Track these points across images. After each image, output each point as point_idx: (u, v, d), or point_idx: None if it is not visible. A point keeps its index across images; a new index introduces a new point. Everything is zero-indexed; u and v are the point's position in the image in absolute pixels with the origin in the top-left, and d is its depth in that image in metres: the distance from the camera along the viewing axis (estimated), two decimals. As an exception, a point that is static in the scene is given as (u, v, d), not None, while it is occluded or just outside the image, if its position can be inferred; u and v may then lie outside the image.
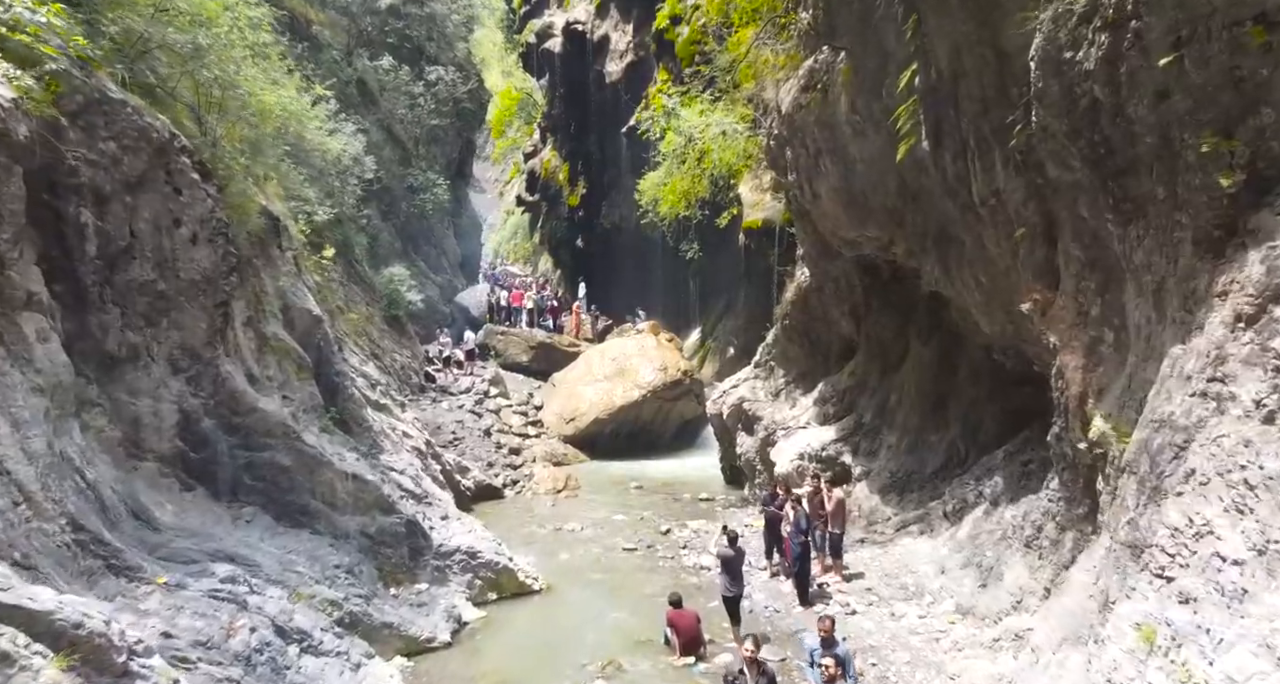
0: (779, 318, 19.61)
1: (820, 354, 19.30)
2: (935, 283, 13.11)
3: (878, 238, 14.56)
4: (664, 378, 25.44)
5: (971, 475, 13.06)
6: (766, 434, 18.96)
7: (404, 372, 24.87)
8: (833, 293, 18.18)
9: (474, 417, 24.80)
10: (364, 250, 26.11)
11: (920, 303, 16.27)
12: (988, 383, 14.20)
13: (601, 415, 25.19)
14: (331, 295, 19.38)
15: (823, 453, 16.81)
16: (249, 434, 10.47)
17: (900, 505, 14.85)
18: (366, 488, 11.64)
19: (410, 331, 26.60)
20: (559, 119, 46.25)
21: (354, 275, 24.54)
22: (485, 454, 22.67)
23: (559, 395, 26.89)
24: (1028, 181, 9.23)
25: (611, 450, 25.35)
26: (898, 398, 16.35)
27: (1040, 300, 9.53)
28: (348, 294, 23.45)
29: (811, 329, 19.17)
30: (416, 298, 25.85)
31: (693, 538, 16.12)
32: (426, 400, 24.84)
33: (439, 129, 33.36)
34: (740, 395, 20.08)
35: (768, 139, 16.11)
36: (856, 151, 13.54)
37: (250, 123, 12.42)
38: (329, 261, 18.73)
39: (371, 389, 17.15)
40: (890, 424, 16.31)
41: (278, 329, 12.06)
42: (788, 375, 19.80)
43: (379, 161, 28.91)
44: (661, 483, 21.54)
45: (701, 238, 29.77)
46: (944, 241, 12.24)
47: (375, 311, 24.82)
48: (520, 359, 30.61)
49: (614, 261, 41.00)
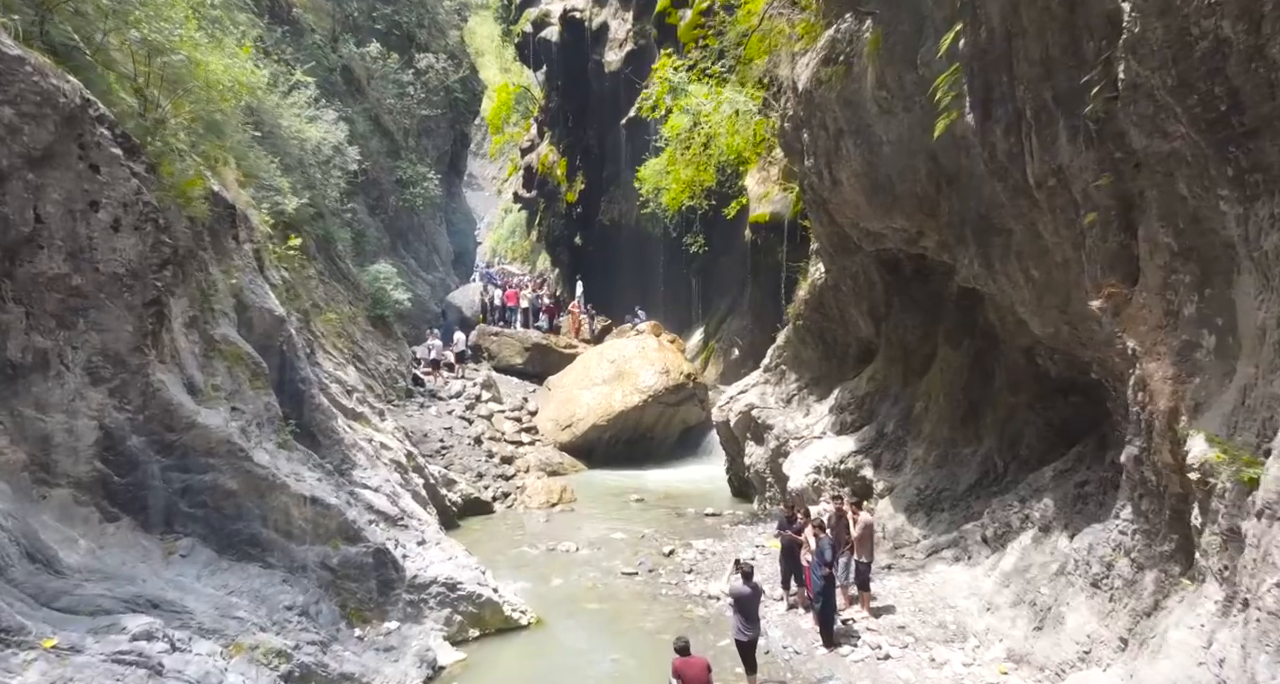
0: (791, 318, 18.16)
1: (836, 357, 17.85)
2: (972, 279, 11.64)
3: (905, 229, 13.09)
4: (666, 381, 23.99)
5: (1015, 496, 11.59)
6: (778, 444, 17.50)
7: (389, 376, 23.40)
8: (850, 291, 16.72)
9: (464, 423, 23.34)
10: (348, 246, 24.64)
11: (949, 302, 14.82)
12: (1028, 391, 12.73)
13: (599, 421, 23.74)
14: (306, 293, 17.92)
15: (841, 466, 15.35)
16: (187, 453, 9.00)
17: (929, 526, 13.38)
18: (328, 513, 10.16)
19: (397, 333, 25.13)
20: (556, 112, 44.81)
21: (336, 272, 23.08)
22: (475, 464, 21.20)
23: (554, 400, 25.43)
24: (1102, 156, 7.77)
25: (610, 458, 23.92)
26: (924, 406, 14.89)
27: (1114, 297, 8.06)
28: (329, 292, 22.00)
29: (827, 330, 17.72)
30: (403, 297, 24.39)
31: (699, 560, 14.65)
32: (413, 406, 23.38)
33: (430, 120, 31.92)
34: (749, 402, 18.62)
35: (781, 121, 14.65)
36: (883, 131, 12.07)
37: (198, 96, 10.95)
38: (296, 254, 17.24)
39: (347, 396, 15.69)
40: (916, 435, 14.85)
41: (229, 331, 10.59)
42: (800, 380, 18.34)
43: (365, 153, 27.48)
44: (663, 495, 20.08)
45: (706, 232, 28.28)
46: (986, 231, 10.78)
47: (359, 311, 23.36)
48: (514, 361, 29.15)
49: (613, 259, 39.57)
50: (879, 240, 14.34)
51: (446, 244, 37.21)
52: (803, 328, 17.91)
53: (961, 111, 9.80)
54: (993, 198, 10.33)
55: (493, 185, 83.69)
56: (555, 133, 46.17)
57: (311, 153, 21.40)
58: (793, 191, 19.56)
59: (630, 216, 38.96)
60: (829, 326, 17.60)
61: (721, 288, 34.11)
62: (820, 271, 17.28)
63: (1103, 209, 7.99)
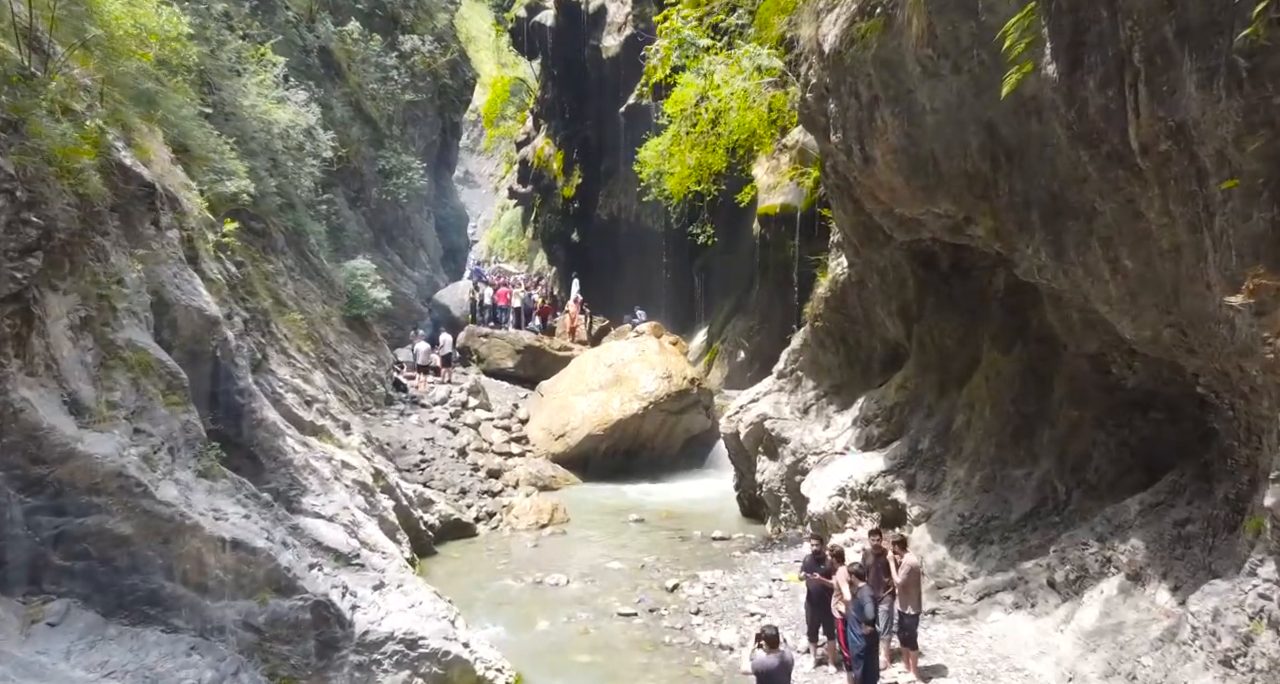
0: (810, 318, 16.24)
1: (859, 363, 15.93)
2: (1035, 273, 9.72)
3: (949, 215, 11.16)
4: (668, 387, 22.07)
5: (1089, 531, 9.67)
6: (795, 460, 15.59)
7: (367, 381, 21.50)
8: (877, 288, 14.81)
9: (448, 433, 21.42)
10: (322, 239, 22.73)
11: (994, 300, 12.92)
12: (1096, 404, 10.82)
13: (596, 431, 21.82)
14: (266, 290, 16.01)
15: (869, 488, 13.44)
16: (62, 491, 7.10)
17: (977, 561, 11.46)
18: (255, 558, 8.25)
19: (377, 334, 23.23)
20: (553, 103, 42.91)
21: (309, 268, 21.17)
22: (458, 479, 19.29)
23: (547, 407, 23.51)
24: (1252, 105, 5.87)
25: (607, 471, 22.01)
26: (965, 419, 12.98)
27: (1261, 291, 6.16)
28: (300, 290, 20.09)
29: (849, 332, 15.80)
30: (383, 295, 22.48)
31: (707, 598, 12.73)
32: (393, 414, 21.47)
33: (416, 108, 30.05)
34: (761, 412, 16.70)
35: (803, 90, 12.72)
36: (927, 98, 10.15)
37: (106, 49, 9.04)
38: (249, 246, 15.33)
39: (306, 407, 13.78)
40: (956, 453, 12.94)
41: (138, 334, 8.67)
42: (819, 388, 16.42)
43: (345, 140, 25.59)
44: (665, 513, 18.16)
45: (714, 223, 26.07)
46: (1059, 214, 8.87)
47: (333, 311, 21.45)
48: (505, 365, 27.24)
49: (612, 256, 37.68)
50: (915, 229, 12.42)
51: (434, 240, 35.30)
52: (822, 330, 16.00)
53: (1037, 63, 7.91)
54: (1071, 171, 8.43)
55: (490, 183, 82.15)
56: (551, 125, 44.29)
57: (280, 137, 19.50)
58: (809, 178, 17.66)
59: (630, 211, 37.09)
60: (852, 328, 15.69)
61: (726, 286, 32.21)
62: (842, 267, 15.37)
63: (1247, 176, 6.09)
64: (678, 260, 33.82)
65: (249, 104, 17.82)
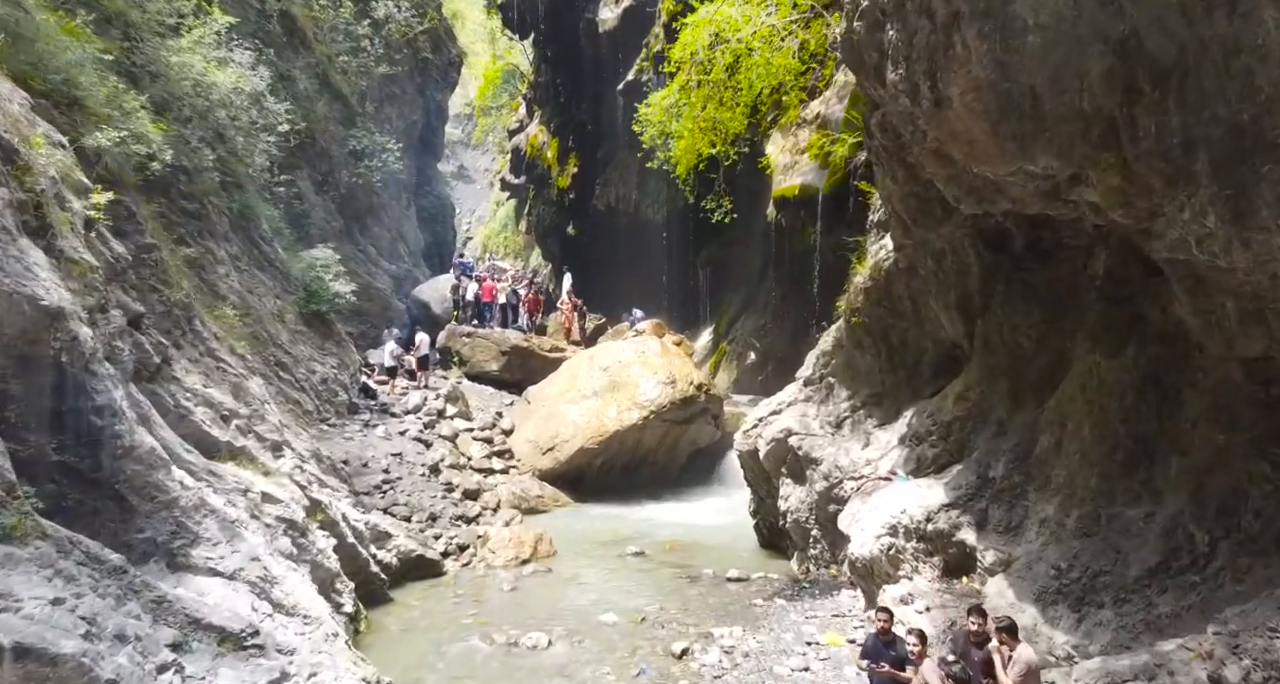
0: (845, 314, 13.49)
1: (905, 367, 13.17)
2: (1196, 245, 6.97)
3: (1048, 174, 8.39)
4: (672, 394, 19.33)
5: (1273, 606, 6.92)
6: (828, 485, 12.85)
7: (326, 387, 18.77)
8: (931, 275, 12.07)
9: (419, 447, 18.68)
10: (276, 224, 19.99)
11: (1092, 289, 10.17)
12: (1251, 426, 8.09)
13: (589, 444, 19.09)
14: (185, 279, 13.26)
15: (927, 526, 10.69)
16: None
17: (1083, 631, 8.70)
18: (53, 673, 5.48)
19: (340, 333, 20.47)
20: (546, 87, 40.22)
21: (258, 257, 18.43)
22: (428, 502, 16.54)
23: (534, 417, 20.77)
24: None
25: (602, 490, 19.33)
26: (1053, 440, 10.24)
27: None
28: (246, 282, 17.37)
29: (894, 330, 13.04)
30: (345, 289, 19.74)
31: (725, 669, 9.96)
32: (355, 425, 18.73)
33: (394, 84, 27.32)
34: (785, 426, 13.96)
35: (849, 17, 9.95)
36: (1030, 9, 7.40)
37: None
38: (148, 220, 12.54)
39: (221, 425, 11.03)
40: (1042, 484, 10.20)
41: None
42: (855, 397, 13.68)
43: (310, 117, 22.85)
44: (669, 545, 15.41)
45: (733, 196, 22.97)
46: (1247, 155, 6.13)
47: (288, 307, 18.71)
48: (489, 368, 24.49)
49: (609, 250, 34.97)
50: (990, 198, 9.65)
51: (416, 231, 32.54)
52: (860, 327, 13.24)
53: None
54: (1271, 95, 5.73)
55: (485, 177, 79.84)
56: (546, 111, 41.62)
57: (221, 105, 16.76)
58: (842, 146, 14.89)
59: (628, 200, 34.39)
60: (897, 325, 12.94)
61: (734, 280, 29.51)
62: (887, 251, 12.63)
63: None
64: (681, 253, 31.17)
65: (177, 61, 15.07)
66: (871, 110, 11.52)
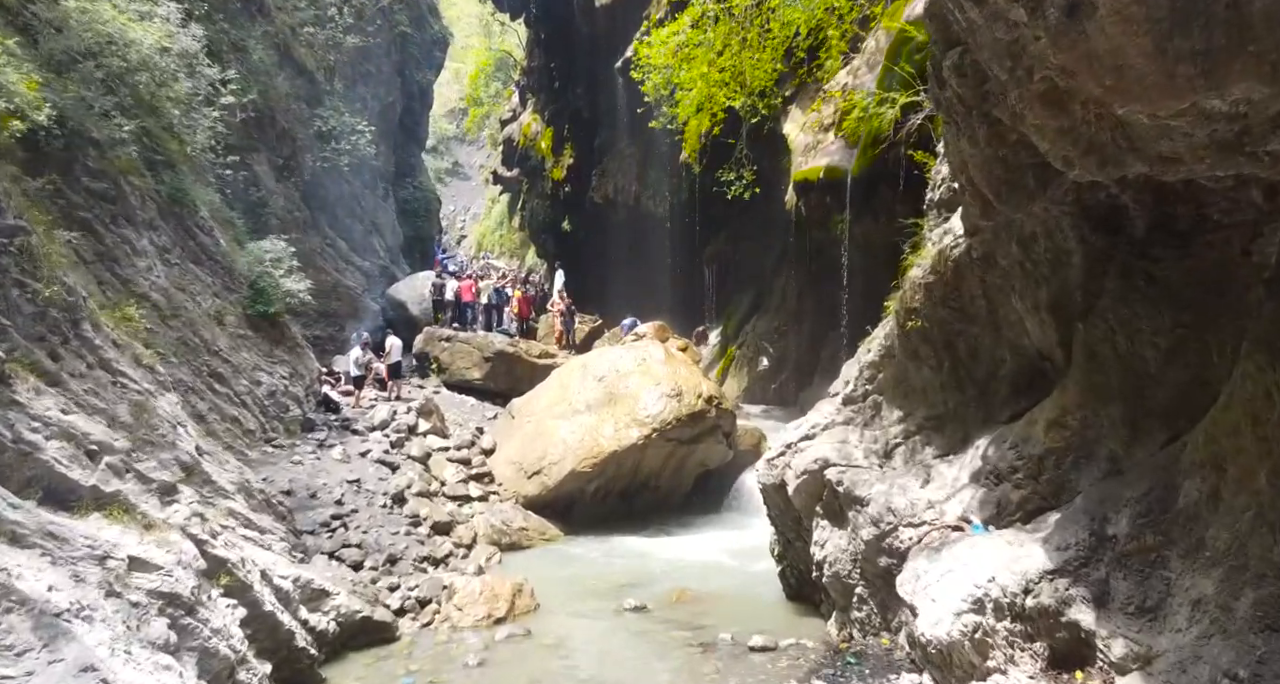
0: (897, 316, 10.79)
1: (974, 383, 10.46)
2: None
3: (1242, 112, 5.71)
4: (677, 409, 16.67)
5: None
6: (878, 533, 10.15)
7: (274, 401, 16.11)
8: (1016, 267, 9.37)
9: (383, 471, 16.02)
10: (226, 213, 17.37)
11: (1259, 285, 7.50)
12: None
13: (581, 467, 16.43)
14: (68, 271, 10.58)
15: (1026, 600, 8.00)
16: None
17: (1283, 777, 6.02)
18: None
19: (295, 338, 17.82)
20: (540, 73, 37.64)
21: (194, 250, 15.78)
22: (388, 540, 13.86)
23: (519, 434, 18.11)
24: None
25: (595, 520, 16.69)
26: (1206, 489, 7.53)
27: None
28: (176, 277, 14.74)
29: (962, 337, 10.34)
30: (299, 286, 17.11)
31: (758, 804, 7.27)
32: (308, 446, 16.07)
33: (368, 60, 24.70)
34: (819, 455, 11.27)
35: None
36: None
37: None
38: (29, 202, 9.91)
39: (84, 466, 8.35)
40: (1191, 548, 7.49)
41: None
42: (909, 420, 11.00)
43: (267, 93, 20.19)
44: (676, 595, 12.73)
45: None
46: None
47: (230, 307, 16.06)
48: (471, 376, 21.83)
49: (607, 246, 32.39)
50: (1121, 157, 6.92)
51: (394, 224, 29.85)
52: (918, 333, 10.54)
53: None
54: None
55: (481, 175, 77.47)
56: (539, 99, 39.02)
57: (142, 67, 14.12)
58: (883, 115, 12.21)
59: (627, 192, 31.75)
60: (968, 330, 10.24)
61: (744, 278, 26.85)
62: (955, 236, 9.95)
63: None
64: (685, 248, 28.57)
65: (77, 5, 12.42)
66: (944, 50, 8.84)
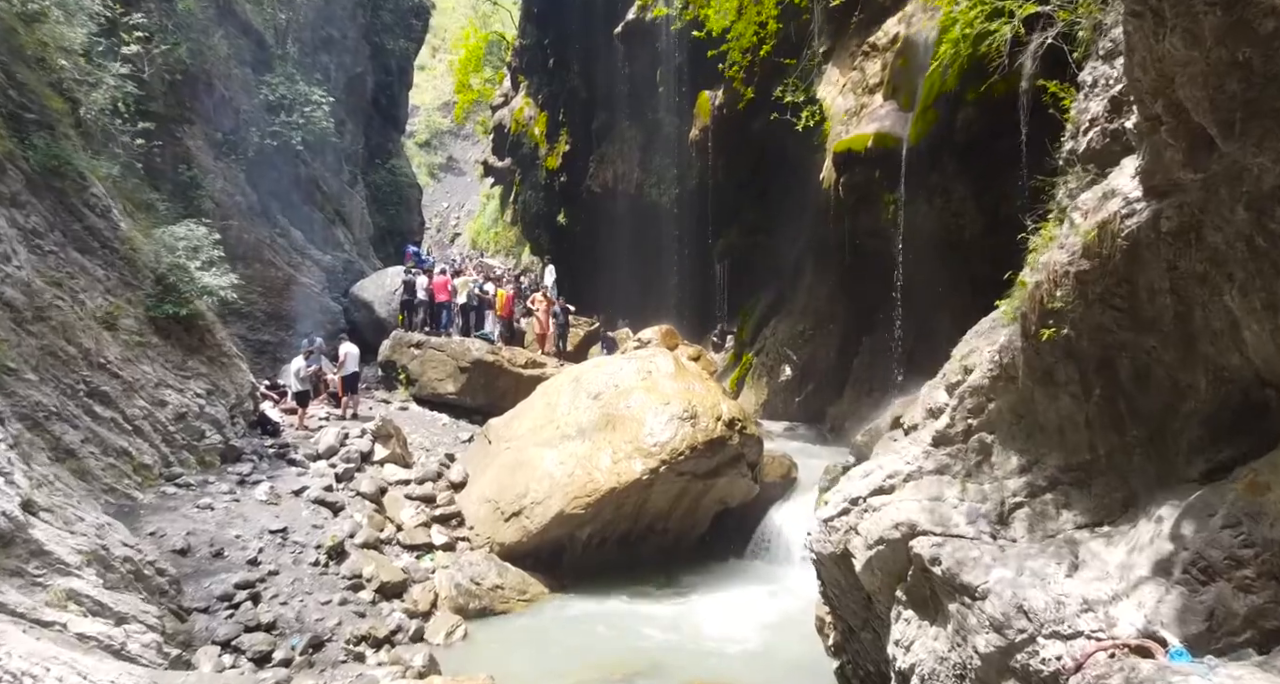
0: (1023, 321, 7.41)
1: (1144, 421, 7.08)
2: None
3: None
4: (691, 435, 13.36)
5: None
6: (1005, 644, 6.78)
7: (185, 425, 12.83)
8: (1238, 245, 6.01)
9: (320, 514, 12.71)
10: (131, 190, 14.08)
11: None
12: None
13: (572, 508, 13.11)
14: None
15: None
16: None
17: None
18: None
19: (219, 345, 14.51)
20: (533, 52, 34.40)
21: (81, 235, 12.48)
22: (314, 614, 10.54)
23: (496, 463, 14.80)
24: None
25: (590, 571, 13.39)
26: None
27: None
28: (53, 269, 11.46)
29: (1125, 352, 6.99)
30: (222, 282, 13.81)
31: None
32: (225, 483, 12.75)
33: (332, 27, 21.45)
34: (903, 518, 7.93)
35: None
36: None
37: None
38: None
39: None
40: None
41: None
42: (1035, 469, 7.66)
43: (201, 54, 16.90)
44: (695, 695, 9.44)
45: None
46: None
47: (127, 306, 12.76)
48: (444, 389, 18.54)
49: (606, 240, 29.08)
50: None
51: (364, 213, 26.56)
52: (1054, 346, 7.20)
53: None
54: None
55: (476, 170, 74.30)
56: (533, 81, 35.77)
57: None
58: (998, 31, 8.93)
59: (629, 180, 28.44)
60: (1138, 342, 6.88)
61: (762, 274, 23.51)
62: (1125, 201, 6.61)
63: None
64: (694, 242, 25.34)
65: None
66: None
